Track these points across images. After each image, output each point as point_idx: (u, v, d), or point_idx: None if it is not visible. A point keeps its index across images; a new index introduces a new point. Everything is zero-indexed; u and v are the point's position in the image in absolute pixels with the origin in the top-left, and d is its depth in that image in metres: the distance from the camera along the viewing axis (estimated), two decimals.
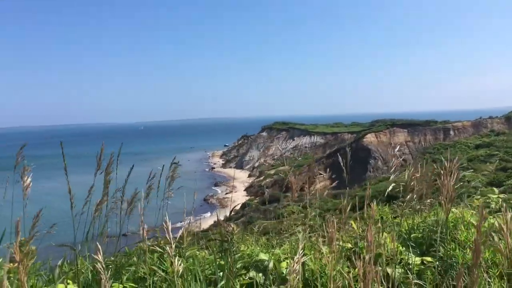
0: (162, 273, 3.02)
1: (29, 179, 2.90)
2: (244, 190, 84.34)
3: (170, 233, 1.96)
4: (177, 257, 2.03)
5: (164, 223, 2.01)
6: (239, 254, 3.23)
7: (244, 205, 66.19)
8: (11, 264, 3.31)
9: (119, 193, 3.64)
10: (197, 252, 3.45)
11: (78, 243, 3.46)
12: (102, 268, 2.02)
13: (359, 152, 76.61)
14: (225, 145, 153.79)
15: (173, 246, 1.96)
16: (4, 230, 3.46)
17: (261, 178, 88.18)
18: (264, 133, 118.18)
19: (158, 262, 3.28)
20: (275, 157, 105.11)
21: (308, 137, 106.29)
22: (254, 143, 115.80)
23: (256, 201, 68.47)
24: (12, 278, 2.92)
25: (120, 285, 3.09)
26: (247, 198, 75.34)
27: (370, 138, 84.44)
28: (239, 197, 77.25)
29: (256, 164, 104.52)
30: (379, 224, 3.53)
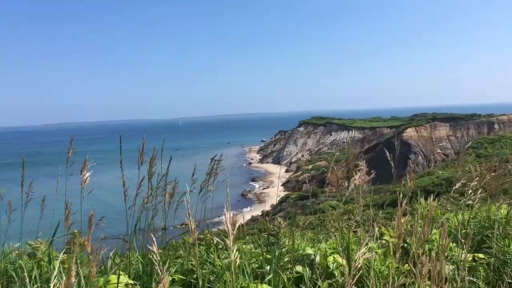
0: (210, 266, 3.06)
1: (87, 173, 3.00)
2: (281, 185, 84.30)
3: (230, 226, 1.97)
4: (235, 249, 2.04)
5: (224, 215, 2.02)
6: (285, 248, 3.23)
7: (281, 200, 66.24)
8: (65, 255, 3.45)
9: (162, 187, 3.71)
10: (243, 245, 3.47)
11: (124, 235, 3.55)
12: (156, 260, 2.07)
13: (399, 147, 75.18)
14: (262, 140, 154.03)
15: (231, 238, 1.98)
16: (58, 222, 3.59)
17: (299, 173, 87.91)
18: (301, 128, 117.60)
19: (205, 255, 3.33)
20: (312, 152, 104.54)
21: (345, 132, 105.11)
22: (291, 138, 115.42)
23: (293, 196, 68.39)
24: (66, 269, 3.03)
25: (169, 277, 3.15)
26: (285, 193, 75.29)
27: (410, 132, 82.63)
28: (276, 192, 77.28)
29: (293, 159, 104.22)
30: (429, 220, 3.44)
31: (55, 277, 2.12)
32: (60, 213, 3.89)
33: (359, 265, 2.05)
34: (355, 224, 3.91)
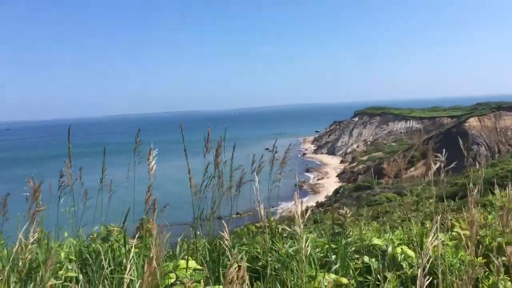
0: (276, 254, 3.07)
1: (153, 162, 3.08)
2: (336, 176, 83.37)
3: (299, 214, 1.97)
4: (304, 237, 2.04)
5: (294, 205, 2.02)
6: (351, 238, 3.19)
7: (336, 191, 65.59)
8: (136, 240, 3.58)
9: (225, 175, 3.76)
10: (308, 234, 3.46)
11: (190, 222, 3.64)
12: (228, 246, 2.10)
13: (460, 137, 72.17)
14: (316, 131, 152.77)
15: (301, 226, 1.97)
16: (128, 209, 3.73)
17: (354, 164, 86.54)
18: (357, 119, 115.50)
19: (270, 243, 3.34)
20: (368, 142, 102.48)
21: (403, 122, 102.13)
22: (346, 129, 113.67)
23: (348, 187, 67.51)
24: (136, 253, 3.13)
25: (240, 263, 3.19)
26: (339, 184, 74.43)
27: (472, 122, 78.95)
28: (331, 183, 76.53)
29: (349, 150, 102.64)
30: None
31: (130, 260, 2.21)
32: (130, 200, 4.05)
33: (428, 255, 1.98)
34: (423, 215, 3.79)
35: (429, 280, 1.89)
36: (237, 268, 2.03)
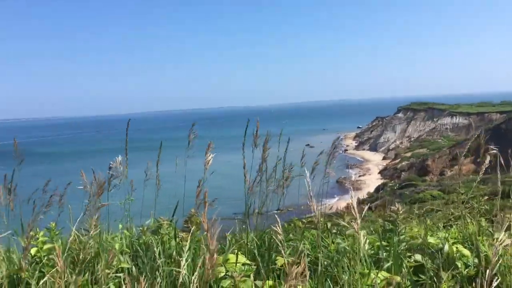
0: (325, 250, 3.03)
1: (210, 155, 3.11)
2: (378, 173, 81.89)
3: (356, 209, 1.92)
4: (361, 233, 1.99)
5: (351, 200, 1.97)
6: (403, 236, 3.10)
7: (378, 188, 64.41)
8: (185, 233, 3.63)
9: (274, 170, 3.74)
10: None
11: (239, 216, 3.65)
12: (281, 241, 2.08)
13: (510, 134, 69.14)
14: (358, 127, 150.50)
15: (359, 222, 1.92)
16: (177, 203, 3.78)
17: (397, 160, 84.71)
18: (400, 114, 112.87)
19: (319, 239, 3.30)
20: (412, 139, 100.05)
21: (449, 118, 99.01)
22: (389, 125, 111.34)
23: (391, 184, 66.19)
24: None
25: (282, 259, 3.17)
26: (381, 181, 73.07)
27: None
28: (373, 180, 75.23)
29: (391, 147, 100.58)
30: None
31: (187, 251, 2.23)
32: (175, 194, 4.10)
33: (498, 254, 1.88)
34: (478, 213, 3.64)
35: (492, 281, 1.81)
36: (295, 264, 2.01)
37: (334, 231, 3.33)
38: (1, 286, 2.87)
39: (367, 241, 2.10)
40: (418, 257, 3.00)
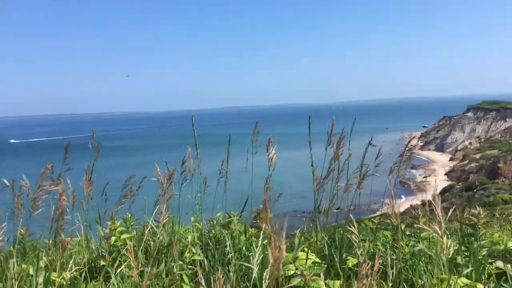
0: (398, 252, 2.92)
1: (273, 151, 3.10)
2: (444, 175, 78.52)
3: (440, 211, 1.83)
4: (445, 239, 1.90)
5: (433, 200, 1.89)
6: (484, 241, 2.93)
7: (444, 190, 61.78)
8: (253, 229, 3.65)
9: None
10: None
11: (307, 214, 3.61)
12: (357, 242, 2.03)
13: None
14: (423, 126, 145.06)
15: (444, 226, 1.83)
16: (246, 198, 3.81)
17: (465, 162, 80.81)
18: (470, 114, 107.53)
19: (391, 240, 3.20)
20: (482, 139, 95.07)
21: None
22: (458, 125, 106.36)
23: (458, 186, 63.34)
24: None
25: (354, 260, 3.11)
26: (448, 183, 70.01)
27: None
28: (439, 182, 72.18)
29: (459, 147, 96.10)
30: None
31: (258, 248, 2.23)
32: (241, 189, 4.12)
33: None
34: None
35: None
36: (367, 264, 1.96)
37: (408, 233, 3.21)
38: (81, 273, 3.01)
39: (452, 246, 1.99)
40: (499, 263, 2.83)
